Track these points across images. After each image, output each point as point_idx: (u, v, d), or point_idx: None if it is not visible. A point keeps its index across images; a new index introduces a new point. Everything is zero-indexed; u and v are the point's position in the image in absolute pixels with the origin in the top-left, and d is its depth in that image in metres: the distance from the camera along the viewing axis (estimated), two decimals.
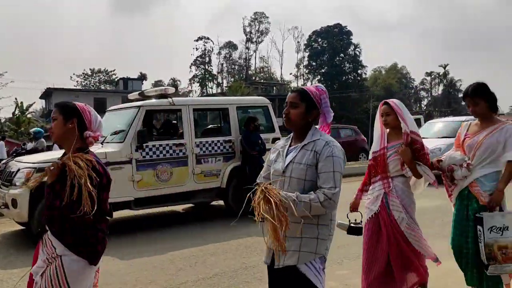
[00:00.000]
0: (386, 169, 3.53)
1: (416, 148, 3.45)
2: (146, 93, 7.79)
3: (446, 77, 77.87)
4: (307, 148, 2.33)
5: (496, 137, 3.24)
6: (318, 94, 2.39)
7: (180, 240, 6.10)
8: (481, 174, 3.28)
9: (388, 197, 3.53)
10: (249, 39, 74.00)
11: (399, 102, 3.61)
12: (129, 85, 52.57)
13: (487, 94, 3.30)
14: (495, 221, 3.16)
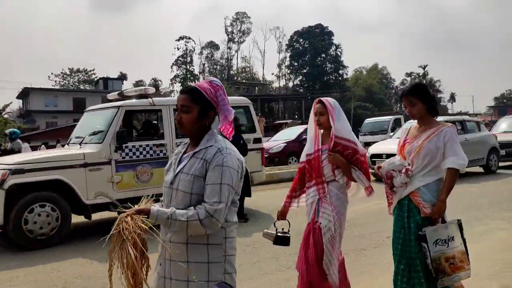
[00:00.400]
0: (321, 173, 3.28)
1: (348, 153, 3.20)
2: (126, 93, 7.69)
3: (425, 77, 79.04)
4: (198, 156, 1.99)
5: (435, 142, 3.00)
6: (213, 92, 2.04)
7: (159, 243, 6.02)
8: (422, 184, 3.03)
9: (321, 204, 3.28)
10: (231, 39, 73.94)
11: (333, 102, 3.37)
12: (109, 85, 51.96)
13: (424, 95, 3.08)
14: (439, 234, 2.95)
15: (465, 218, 6.70)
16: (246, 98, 8.92)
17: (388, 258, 4.88)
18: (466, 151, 10.68)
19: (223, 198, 1.89)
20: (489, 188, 9.75)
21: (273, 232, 3.50)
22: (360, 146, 3.28)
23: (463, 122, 12.69)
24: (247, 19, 72.92)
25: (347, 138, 3.23)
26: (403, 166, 3.07)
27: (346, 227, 6.23)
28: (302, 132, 16.45)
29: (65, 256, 5.51)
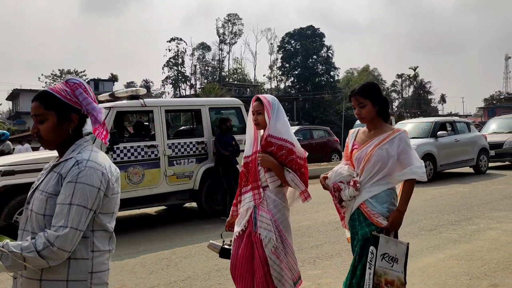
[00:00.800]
0: (257, 177, 2.99)
1: (282, 154, 2.92)
2: (117, 94, 7.65)
3: (416, 79, 79.62)
4: (56, 170, 1.71)
5: (386, 149, 2.70)
6: (70, 92, 1.74)
7: (152, 243, 6.02)
8: (370, 194, 2.72)
9: (258, 211, 2.96)
10: (223, 40, 73.86)
11: (272, 99, 3.06)
12: (100, 87, 51.74)
13: (375, 96, 2.80)
14: (389, 248, 2.63)
15: (455, 218, 6.81)
16: (238, 99, 8.91)
17: None
18: (456, 151, 10.79)
19: (70, 222, 1.56)
20: (479, 188, 9.84)
21: (219, 243, 3.25)
22: (298, 147, 3.00)
23: (453, 123, 12.80)
24: (238, 20, 72.93)
25: (283, 138, 2.96)
26: (351, 177, 2.79)
27: (338, 228, 6.31)
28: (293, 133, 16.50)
29: None
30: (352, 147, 2.89)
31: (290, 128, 3.06)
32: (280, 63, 69.85)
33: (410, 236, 5.82)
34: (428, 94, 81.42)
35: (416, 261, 4.80)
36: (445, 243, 5.46)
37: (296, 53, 66.87)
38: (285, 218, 3.03)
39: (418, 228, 6.27)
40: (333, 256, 5.09)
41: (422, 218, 6.86)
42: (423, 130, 12.14)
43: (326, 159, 16.51)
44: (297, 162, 2.95)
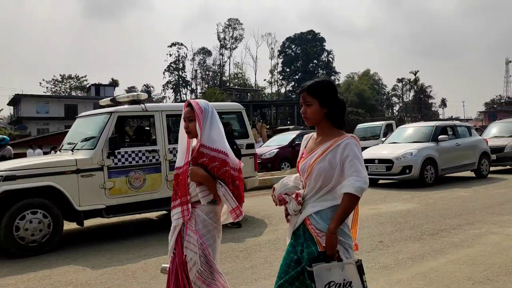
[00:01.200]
0: (186, 191, 2.74)
1: (215, 166, 2.67)
2: (118, 99, 7.66)
3: (416, 83, 79.74)
4: None
5: (329, 160, 2.34)
6: None
7: (154, 248, 6.00)
8: (315, 210, 2.37)
9: (186, 230, 2.73)
10: (223, 45, 74.13)
11: (205, 104, 2.80)
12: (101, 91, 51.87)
13: (325, 95, 2.42)
14: (333, 275, 2.26)
15: (457, 223, 6.79)
16: (239, 104, 8.93)
17: (381, 262, 4.91)
18: (457, 156, 10.79)
19: None
20: (481, 193, 9.82)
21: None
22: (232, 157, 2.74)
23: (454, 127, 12.79)
24: (239, 25, 73.23)
25: (217, 148, 2.70)
26: (297, 188, 2.50)
27: None
28: (295, 137, 16.50)
29: (56, 263, 5.46)
30: (300, 155, 2.58)
31: (224, 136, 2.78)
32: (280, 68, 70.10)
33: (412, 241, 5.81)
34: (428, 98, 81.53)
35: (419, 265, 4.79)
36: (447, 247, 5.44)
37: (296, 57, 67.07)
38: (214, 241, 2.76)
39: (420, 232, 6.26)
40: None
41: (424, 223, 6.84)
42: (424, 135, 12.14)
43: None
44: (230, 174, 2.70)
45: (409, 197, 9.43)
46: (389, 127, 23.58)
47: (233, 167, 2.72)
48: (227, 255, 5.48)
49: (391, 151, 11.58)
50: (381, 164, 11.37)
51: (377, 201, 9.16)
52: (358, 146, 2.36)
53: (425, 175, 11.06)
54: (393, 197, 9.55)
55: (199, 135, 2.70)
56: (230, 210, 2.72)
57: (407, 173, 10.96)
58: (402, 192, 10.26)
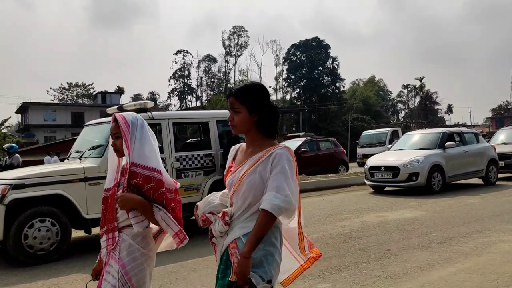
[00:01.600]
0: (113, 217, 2.39)
1: (150, 188, 2.32)
2: (125, 107, 7.70)
3: (422, 89, 79.51)
4: None
5: (260, 172, 2.09)
6: None
7: (160, 256, 5.94)
8: (243, 233, 2.08)
9: (108, 259, 2.39)
10: (228, 52, 74.34)
11: (132, 118, 2.43)
12: (107, 99, 52.16)
13: (255, 102, 2.15)
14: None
15: (465, 231, 6.75)
16: None
17: (389, 271, 4.88)
18: (465, 162, 10.73)
19: None
20: (489, 200, 9.75)
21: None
22: (166, 177, 2.39)
23: (461, 134, 12.75)
24: (244, 32, 73.45)
25: (151, 167, 2.35)
26: (224, 206, 2.22)
27: (347, 240, 6.27)
28: (300, 145, 16.49)
29: (65, 272, 5.47)
30: (227, 168, 2.30)
31: (158, 153, 2.43)
32: (285, 75, 70.08)
33: (420, 249, 5.77)
34: (434, 105, 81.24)
35: (427, 274, 4.75)
36: (456, 256, 5.40)
37: (301, 64, 67.06)
38: (141, 270, 2.36)
39: (428, 240, 6.22)
40: (342, 269, 5.05)
41: (432, 231, 6.80)
42: (431, 141, 12.09)
43: (333, 170, 16.45)
44: (166, 197, 2.35)
45: (416, 205, 9.38)
46: (395, 133, 23.55)
47: (168, 188, 2.38)
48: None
49: (397, 158, 11.55)
50: (388, 171, 11.34)
51: (384, 208, 9.12)
52: (290, 160, 2.10)
53: (432, 182, 11.01)
54: (400, 205, 9.50)
55: (126, 153, 2.36)
56: (172, 234, 2.39)
57: (414, 180, 10.92)
58: (409, 199, 10.21)
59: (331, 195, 11.89)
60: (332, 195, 11.89)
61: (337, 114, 61.92)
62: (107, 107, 8.64)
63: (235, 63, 75.23)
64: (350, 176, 14.95)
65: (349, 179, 14.20)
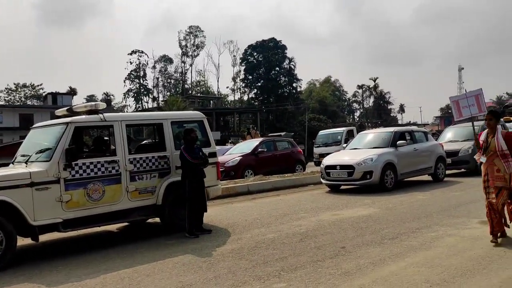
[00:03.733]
0: None
1: None
2: (75, 109, 7.45)
3: (376, 89, 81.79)
4: None
5: None
6: None
7: (113, 261, 5.83)
8: None
9: None
10: (185, 53, 73.60)
11: None
12: (58, 100, 50.35)
13: None
14: None
15: (415, 226, 6.97)
16: (200, 112, 8.85)
17: (343, 268, 4.96)
18: (415, 160, 11.09)
19: None
20: (438, 196, 10.14)
21: None
22: None
23: (411, 132, 13.19)
24: (200, 32, 72.93)
25: None
26: None
27: (303, 239, 6.33)
28: (258, 145, 16.53)
29: (10, 282, 5.20)
30: None
31: None
32: (243, 75, 70.18)
33: (373, 246, 5.91)
34: (388, 104, 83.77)
35: (379, 270, 4.87)
36: (407, 251, 5.57)
37: (258, 65, 67.37)
38: None
39: (381, 237, 6.38)
40: (298, 268, 5.08)
41: (384, 227, 6.98)
42: (384, 140, 12.43)
43: (291, 170, 16.60)
44: None
45: (370, 202, 9.62)
46: (350, 133, 24.08)
47: None
48: (189, 266, 5.40)
49: (352, 157, 11.80)
50: (343, 170, 11.55)
51: (339, 206, 9.29)
52: None
53: (385, 180, 11.32)
54: (355, 203, 9.71)
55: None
56: None
57: (368, 179, 11.19)
58: (363, 197, 10.45)
59: (288, 194, 11.99)
60: (289, 194, 11.99)
61: (294, 114, 62.65)
62: (58, 108, 8.31)
63: (191, 63, 74.61)
64: (307, 175, 15.14)
65: (306, 179, 14.37)
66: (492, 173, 5.76)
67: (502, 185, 5.68)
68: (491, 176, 5.77)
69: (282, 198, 11.23)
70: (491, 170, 5.77)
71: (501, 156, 5.64)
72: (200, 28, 73.10)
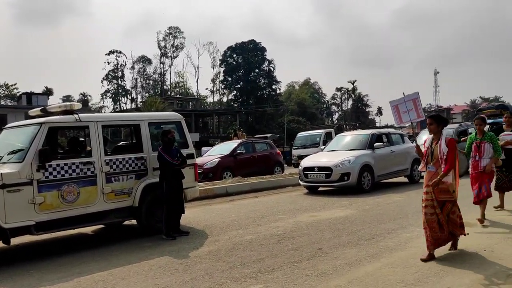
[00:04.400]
0: None
1: None
2: (49, 109, 7.30)
3: (354, 92, 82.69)
4: None
5: None
6: None
7: (88, 265, 5.73)
8: None
9: None
10: (164, 53, 73.11)
11: None
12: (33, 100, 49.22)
13: None
14: None
15: (391, 227, 7.05)
16: (177, 113, 8.78)
17: (320, 269, 4.99)
18: (392, 162, 11.21)
19: None
20: (413, 197, 10.28)
21: None
22: None
23: (388, 135, 13.36)
24: (180, 34, 72.58)
25: None
26: None
27: (280, 241, 6.34)
28: (236, 147, 16.51)
29: None
30: None
31: None
32: (222, 77, 70.12)
33: (350, 247, 5.96)
34: (366, 107, 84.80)
35: (355, 270, 4.91)
36: (382, 251, 5.63)
37: (238, 66, 67.43)
38: None
39: (357, 238, 6.43)
40: (274, 269, 5.08)
41: (361, 228, 7.05)
42: (361, 142, 12.56)
43: (269, 172, 16.63)
44: None
45: (348, 204, 9.70)
46: (328, 135, 24.23)
47: None
48: (166, 269, 5.34)
49: (330, 159, 11.88)
50: (321, 171, 11.63)
51: (317, 208, 9.34)
52: None
53: (363, 182, 11.44)
54: (333, 204, 9.78)
55: None
56: None
57: (346, 180, 11.28)
58: (341, 198, 10.54)
59: (266, 196, 12.00)
60: (268, 196, 12.00)
61: (273, 116, 62.85)
62: (33, 109, 8.13)
63: (171, 64, 74.19)
64: (285, 177, 15.18)
65: (284, 180, 14.40)
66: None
67: (447, 199, 5.17)
68: (435, 189, 5.14)
69: (261, 200, 11.23)
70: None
71: (441, 162, 5.14)
72: (179, 29, 72.87)
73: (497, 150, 7.10)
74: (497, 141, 7.22)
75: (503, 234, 6.28)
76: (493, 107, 27.50)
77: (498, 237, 6.08)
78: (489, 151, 7.06)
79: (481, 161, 7.09)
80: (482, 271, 4.65)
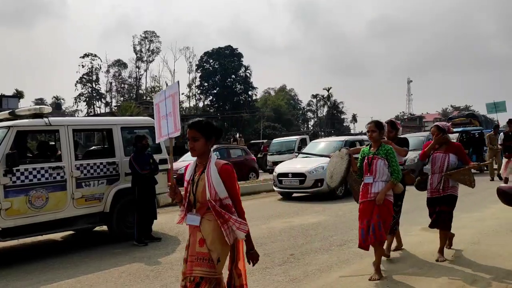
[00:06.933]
0: None
1: None
2: (18, 112, 7.13)
3: (329, 99, 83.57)
4: None
5: None
6: None
7: (55, 272, 5.59)
8: None
9: None
10: (140, 58, 72.36)
11: None
12: (3, 103, 47.95)
13: None
14: None
15: None
16: (151, 118, 8.68)
17: (291, 275, 5.00)
18: None
19: None
20: None
21: None
22: None
23: (361, 141, 13.51)
24: (156, 38, 72.03)
25: None
26: None
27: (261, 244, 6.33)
28: None
29: None
30: None
31: None
32: (198, 82, 69.85)
33: (321, 252, 6.00)
34: (341, 114, 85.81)
35: (326, 276, 4.95)
36: (353, 257, 5.69)
37: (214, 72, 67.33)
38: None
39: (329, 244, 6.49)
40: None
41: (333, 234, 7.11)
42: (335, 149, 12.64)
43: (244, 178, 16.62)
44: None
45: (321, 210, 9.78)
46: (303, 141, 24.37)
47: None
48: (136, 275, 5.27)
49: (304, 165, 11.96)
50: (295, 177, 11.69)
51: (290, 214, 9.38)
52: None
53: None
54: (306, 210, 9.84)
55: None
56: None
57: (319, 186, 11.37)
58: (314, 204, 10.61)
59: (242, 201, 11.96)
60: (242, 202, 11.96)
61: (249, 122, 62.91)
62: (3, 111, 7.93)
63: (146, 68, 73.45)
64: (260, 183, 15.20)
65: (259, 186, 14.42)
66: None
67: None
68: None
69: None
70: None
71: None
72: (155, 33, 72.26)
73: (395, 170, 4.85)
74: (394, 157, 4.94)
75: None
76: (463, 115, 28.16)
77: None
78: (383, 172, 4.86)
79: (373, 185, 4.87)
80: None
